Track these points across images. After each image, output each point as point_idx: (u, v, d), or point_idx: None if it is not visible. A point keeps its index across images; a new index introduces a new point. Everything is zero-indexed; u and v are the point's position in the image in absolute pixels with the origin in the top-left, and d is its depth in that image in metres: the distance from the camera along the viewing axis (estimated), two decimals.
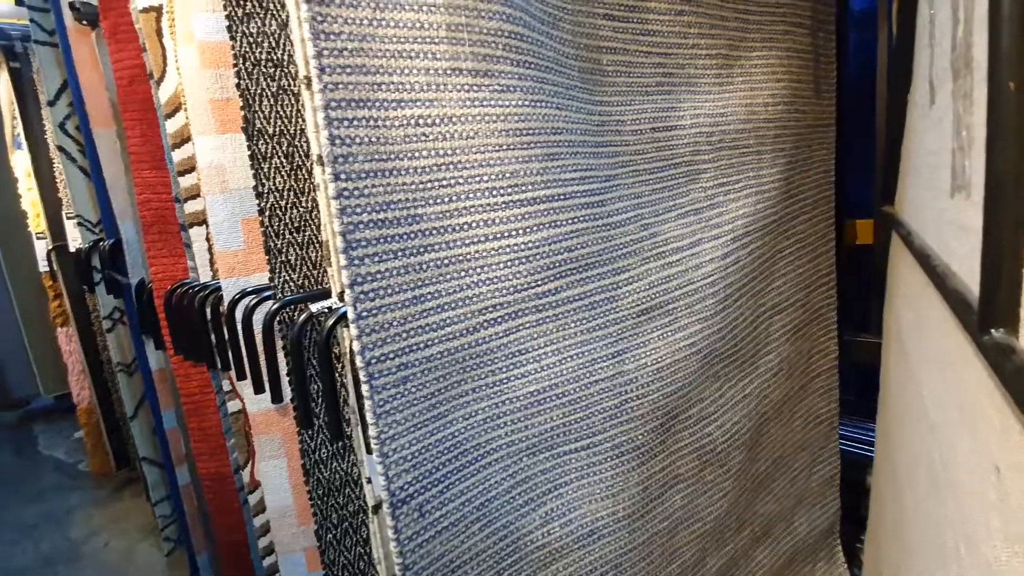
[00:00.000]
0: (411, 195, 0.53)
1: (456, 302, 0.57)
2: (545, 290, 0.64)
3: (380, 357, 0.52)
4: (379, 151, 0.51)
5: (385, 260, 0.52)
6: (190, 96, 0.92)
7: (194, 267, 1.08)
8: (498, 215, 0.59)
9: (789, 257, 1.05)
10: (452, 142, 0.56)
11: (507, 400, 0.63)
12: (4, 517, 2.30)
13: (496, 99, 0.58)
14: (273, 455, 1.02)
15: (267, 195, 0.79)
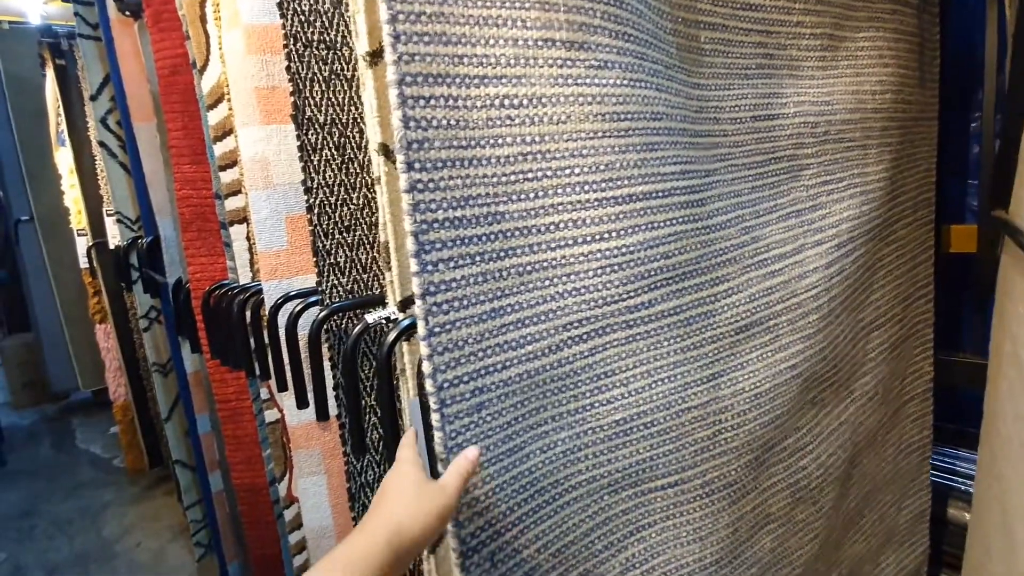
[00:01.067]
0: (492, 189, 0.45)
1: (538, 316, 0.49)
2: (637, 303, 0.55)
3: (453, 380, 0.45)
4: (458, 137, 0.44)
5: (461, 266, 0.44)
6: (234, 84, 0.85)
7: (233, 267, 1.02)
8: (589, 214, 0.51)
9: (889, 266, 0.93)
10: (540, 127, 0.47)
11: (590, 430, 0.54)
12: (43, 510, 2.32)
13: (592, 77, 0.49)
14: (313, 471, 0.94)
15: (316, 191, 0.71)
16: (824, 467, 0.83)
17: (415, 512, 0.41)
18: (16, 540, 2.11)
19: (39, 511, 2.31)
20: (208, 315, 1.06)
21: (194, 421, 1.48)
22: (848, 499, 0.94)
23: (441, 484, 0.43)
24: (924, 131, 0.98)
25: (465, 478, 0.44)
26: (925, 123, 0.99)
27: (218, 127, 0.96)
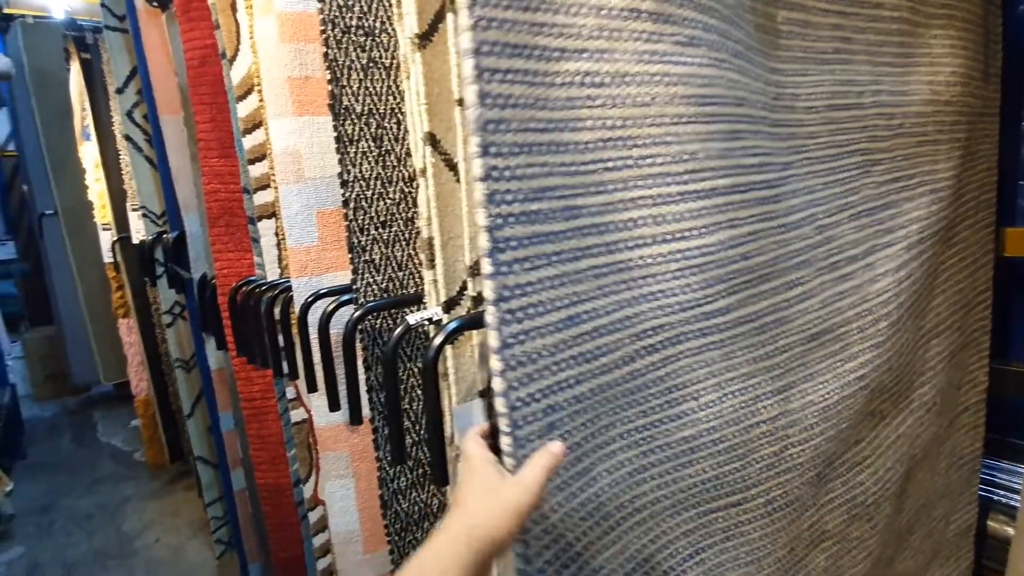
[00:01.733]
0: (570, 180, 0.41)
1: (613, 324, 0.45)
2: (714, 309, 0.51)
3: (526, 399, 0.40)
4: (536, 118, 0.39)
5: (538, 267, 0.40)
6: (266, 74, 0.82)
7: (261, 263, 0.99)
8: (670, 210, 0.47)
9: (951, 270, 0.88)
10: (623, 109, 0.43)
11: (657, 448, 0.50)
12: (62, 505, 2.33)
13: (678, 55, 0.45)
14: (340, 475, 0.91)
15: (352, 184, 0.68)
16: (881, 482, 0.78)
17: (494, 511, 0.39)
18: (35, 535, 2.13)
19: (58, 506, 2.33)
20: (234, 312, 1.04)
21: (217, 418, 1.47)
22: (901, 515, 0.90)
23: (521, 480, 0.40)
24: (987, 128, 0.93)
25: (547, 473, 0.41)
26: (988, 119, 0.93)
27: (248, 119, 0.93)
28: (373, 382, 0.72)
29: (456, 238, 0.56)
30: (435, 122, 0.54)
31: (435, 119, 0.54)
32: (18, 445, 2.78)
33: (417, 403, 0.76)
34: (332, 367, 0.74)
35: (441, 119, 0.54)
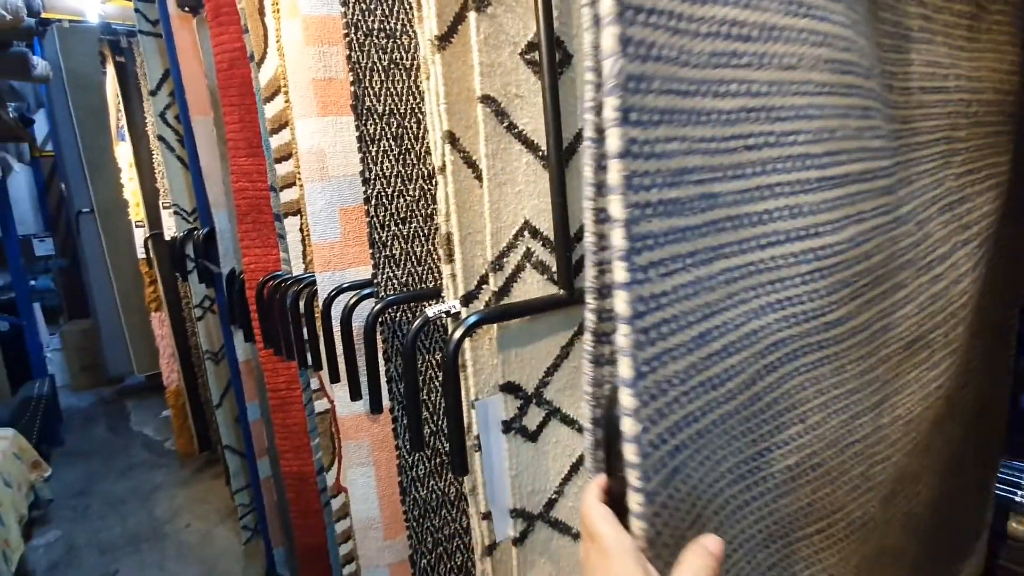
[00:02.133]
0: (709, 160, 0.33)
1: (741, 341, 0.37)
2: (835, 318, 0.43)
3: (655, 441, 0.32)
4: (678, 77, 0.31)
5: (673, 272, 0.32)
6: (292, 75, 0.86)
7: (287, 259, 1.03)
8: (807, 200, 0.39)
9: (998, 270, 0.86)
10: (769, 72, 0.35)
11: (760, 480, 0.42)
12: (97, 489, 2.43)
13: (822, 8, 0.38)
14: (361, 462, 0.95)
15: (374, 181, 0.71)
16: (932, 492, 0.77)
17: None
18: (71, 519, 2.23)
19: (94, 491, 2.43)
20: (261, 305, 1.08)
21: (244, 408, 1.52)
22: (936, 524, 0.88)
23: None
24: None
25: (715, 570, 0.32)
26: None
27: (274, 120, 0.97)
28: (393, 373, 0.75)
29: (474, 233, 0.57)
30: (454, 121, 0.55)
31: (454, 118, 0.55)
32: (56, 433, 2.91)
33: (435, 394, 0.78)
34: (354, 358, 0.77)
35: (460, 118, 0.56)
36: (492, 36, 0.54)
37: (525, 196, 0.57)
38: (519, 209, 0.57)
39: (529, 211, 0.58)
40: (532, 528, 0.58)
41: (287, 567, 1.64)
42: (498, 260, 0.56)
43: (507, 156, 0.56)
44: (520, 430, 0.57)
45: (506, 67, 0.55)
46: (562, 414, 0.60)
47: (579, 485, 0.61)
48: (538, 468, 0.59)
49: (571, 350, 0.60)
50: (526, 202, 0.57)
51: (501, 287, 0.57)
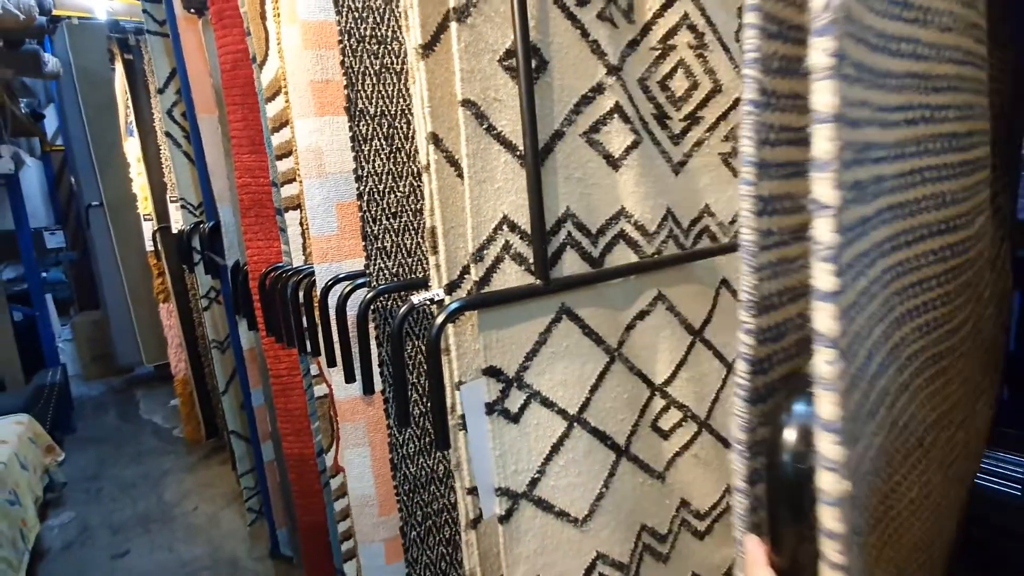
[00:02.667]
0: (879, 134, 0.28)
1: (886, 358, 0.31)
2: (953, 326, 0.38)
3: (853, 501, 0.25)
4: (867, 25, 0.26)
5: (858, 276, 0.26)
6: (291, 77, 0.91)
7: (287, 251, 1.09)
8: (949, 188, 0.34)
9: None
10: (932, 32, 0.31)
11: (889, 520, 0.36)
12: (109, 474, 2.52)
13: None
14: (357, 443, 1.00)
15: (366, 179, 0.76)
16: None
17: None
18: (84, 501, 2.31)
19: (105, 475, 2.51)
20: (264, 295, 1.13)
21: (249, 395, 1.58)
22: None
23: None
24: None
25: None
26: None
27: (275, 119, 1.02)
28: (384, 357, 0.80)
29: (457, 227, 0.61)
30: (437, 123, 0.60)
31: (437, 120, 0.60)
32: (68, 420, 2.99)
33: (425, 377, 0.84)
34: (348, 344, 0.83)
35: (443, 120, 0.60)
36: (472, 44, 0.58)
37: (504, 192, 0.61)
38: (498, 205, 0.61)
39: (507, 207, 0.62)
40: (517, 506, 0.61)
41: (290, 546, 1.71)
42: (479, 252, 0.61)
43: (487, 155, 0.60)
44: (503, 412, 0.61)
45: (485, 73, 0.59)
46: (542, 397, 0.64)
47: (560, 464, 0.64)
48: (520, 448, 0.62)
49: (548, 336, 0.64)
50: (505, 198, 0.61)
51: (482, 277, 0.61)
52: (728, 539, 0.77)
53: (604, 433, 0.67)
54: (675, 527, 0.71)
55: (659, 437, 0.71)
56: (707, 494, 0.74)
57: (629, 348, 0.68)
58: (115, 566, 1.90)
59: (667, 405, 0.72)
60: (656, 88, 0.69)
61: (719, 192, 0.75)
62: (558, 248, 0.62)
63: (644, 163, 0.68)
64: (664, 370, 0.71)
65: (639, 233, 0.68)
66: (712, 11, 0.70)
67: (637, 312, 0.69)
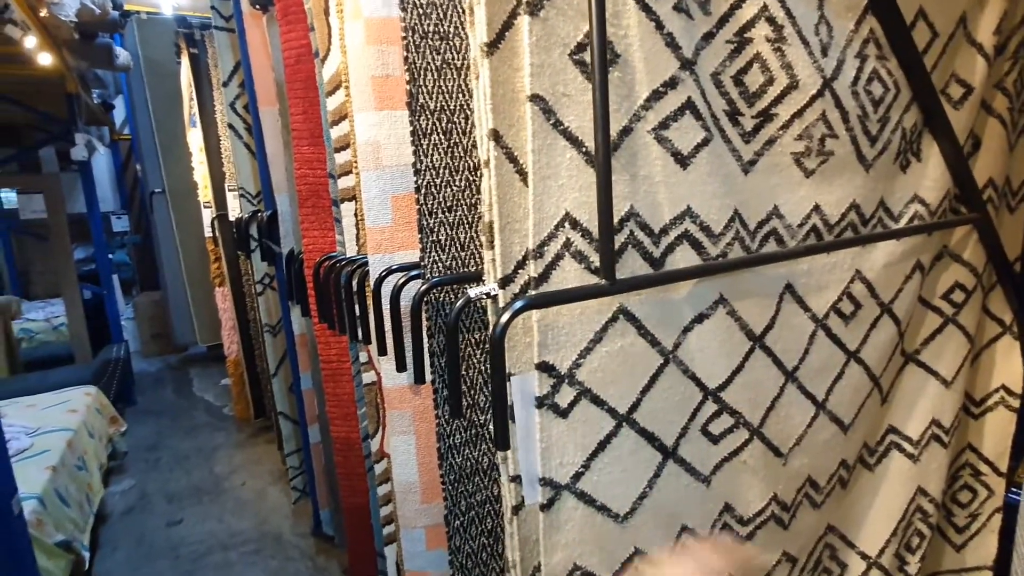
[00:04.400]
0: None
1: None
2: None
3: None
4: None
5: None
6: (353, 72, 0.93)
7: (342, 241, 1.12)
8: None
9: None
10: None
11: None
12: (167, 445, 2.67)
13: None
14: (403, 431, 1.03)
15: (424, 172, 0.77)
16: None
17: None
18: (144, 470, 2.46)
19: (163, 445, 2.66)
20: (318, 283, 1.17)
21: (298, 378, 1.64)
22: None
23: None
24: None
25: None
26: None
27: (335, 112, 1.05)
28: (435, 348, 0.82)
29: (513, 223, 0.61)
30: (499, 120, 0.59)
31: (499, 117, 0.59)
32: (130, 393, 3.18)
33: (472, 369, 0.85)
34: (400, 334, 0.85)
35: (504, 117, 0.60)
36: (544, 38, 0.57)
37: (567, 189, 0.60)
38: (561, 202, 0.60)
39: (570, 204, 0.60)
40: (559, 496, 0.62)
41: (332, 526, 1.77)
42: (539, 248, 0.60)
43: (552, 152, 0.58)
44: (552, 406, 0.60)
45: (556, 67, 0.58)
46: (592, 395, 0.63)
47: (605, 461, 0.64)
48: (567, 442, 0.62)
49: (604, 336, 0.62)
50: (568, 195, 0.60)
51: (541, 273, 0.60)
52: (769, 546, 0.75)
53: (652, 434, 0.66)
54: (716, 530, 0.70)
55: (708, 441, 0.70)
56: (752, 501, 0.73)
57: (684, 351, 0.67)
58: (170, 533, 2.01)
59: (719, 410, 0.70)
60: (730, 83, 0.66)
61: (789, 193, 0.72)
62: (619, 247, 0.62)
63: (713, 161, 0.66)
64: (719, 375, 0.70)
65: (704, 234, 0.66)
66: (792, 2, 0.67)
67: (696, 315, 0.68)
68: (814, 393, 0.76)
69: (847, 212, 0.75)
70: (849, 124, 0.73)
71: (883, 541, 0.94)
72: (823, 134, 0.71)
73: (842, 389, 0.79)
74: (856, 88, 0.72)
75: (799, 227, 0.72)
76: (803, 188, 0.72)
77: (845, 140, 0.73)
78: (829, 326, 0.76)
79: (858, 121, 0.73)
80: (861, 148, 0.75)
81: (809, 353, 0.75)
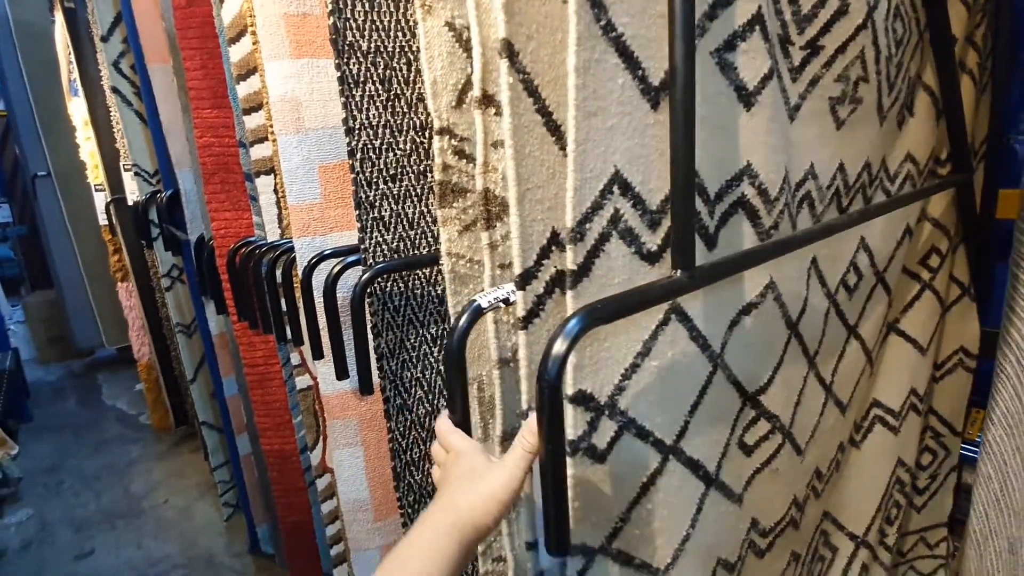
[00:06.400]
0: None
1: None
2: None
3: None
4: None
5: None
6: (259, 12, 0.74)
7: (260, 223, 0.94)
8: None
9: None
10: None
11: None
12: (69, 466, 2.34)
13: None
14: (348, 443, 0.88)
15: (358, 132, 0.62)
16: None
17: (477, 497, 0.40)
18: (43, 496, 2.14)
19: (66, 466, 2.34)
20: (234, 275, 0.99)
21: (220, 384, 1.44)
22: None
23: (504, 464, 0.41)
24: None
25: (530, 458, 0.40)
26: None
27: (241, 64, 0.86)
28: (383, 349, 0.67)
29: (536, 189, 0.41)
30: (513, 25, 0.38)
31: (513, 20, 0.38)
32: (23, 408, 2.78)
33: (430, 371, 0.71)
34: (339, 333, 0.70)
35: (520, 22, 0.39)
36: None
37: (617, 134, 0.40)
38: (608, 154, 0.40)
39: (620, 157, 0.40)
40: (591, 563, 0.46)
41: (271, 544, 1.60)
42: (579, 226, 0.40)
43: (601, 72, 0.38)
44: (588, 450, 0.44)
45: None
46: (637, 426, 0.46)
47: (647, 508, 0.48)
48: (604, 494, 0.46)
49: (653, 345, 0.46)
50: (618, 143, 0.40)
51: (581, 264, 0.40)
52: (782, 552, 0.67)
53: (697, 462, 0.52)
54: (743, 551, 0.59)
55: (743, 454, 0.57)
56: (776, 510, 0.63)
57: (730, 351, 0.53)
58: (79, 567, 1.75)
59: (756, 416, 0.57)
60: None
61: (823, 147, 0.59)
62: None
63: (775, 102, 0.50)
64: (762, 374, 0.57)
65: (761, 200, 0.50)
66: None
67: (744, 305, 0.53)
68: (824, 377, 0.68)
69: (861, 172, 0.65)
70: (879, 67, 0.62)
71: (869, 518, 0.90)
72: (858, 76, 0.59)
73: (843, 368, 0.72)
74: (887, 24, 0.61)
75: (827, 189, 0.61)
76: (833, 142, 0.60)
77: (873, 86, 0.62)
78: (837, 301, 0.67)
79: (885, 64, 0.62)
80: (882, 97, 0.64)
81: (825, 335, 0.66)
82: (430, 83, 0.48)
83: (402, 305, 0.68)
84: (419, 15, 0.48)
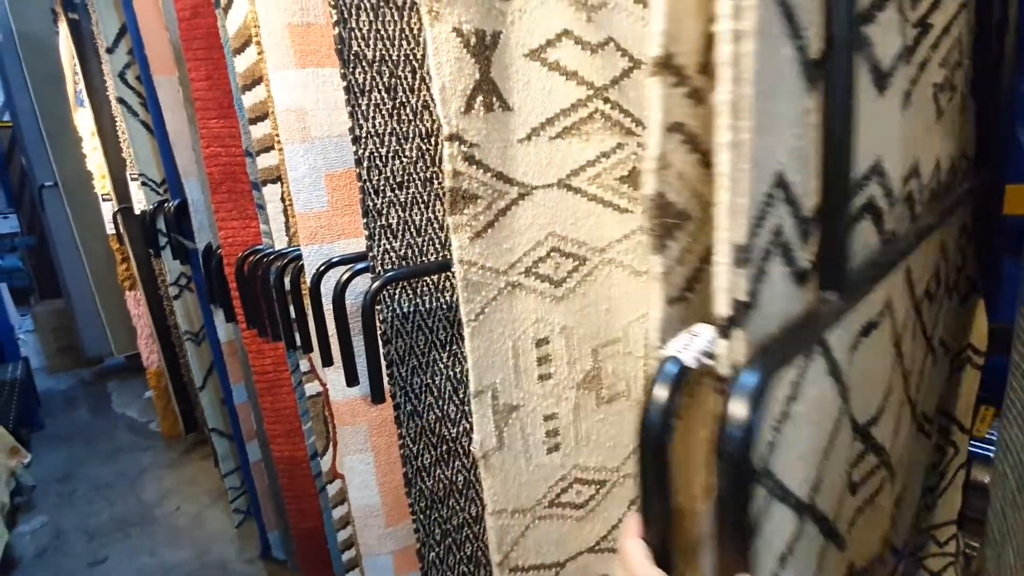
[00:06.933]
0: None
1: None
2: None
3: None
4: None
5: None
6: (264, 21, 0.75)
7: (268, 231, 0.94)
8: None
9: None
10: None
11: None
12: (82, 474, 2.36)
13: None
14: (359, 449, 0.88)
15: (365, 140, 0.62)
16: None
17: None
18: (56, 504, 2.16)
19: (78, 475, 2.35)
20: (242, 283, 0.99)
21: (230, 391, 1.45)
22: None
23: None
24: None
25: None
26: None
27: (247, 74, 0.86)
28: (393, 356, 0.68)
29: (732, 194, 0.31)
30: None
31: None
32: (35, 417, 2.80)
33: (440, 377, 0.72)
34: (349, 340, 0.70)
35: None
36: None
37: (783, 123, 0.32)
38: (774, 149, 0.31)
39: (785, 152, 0.32)
40: None
41: (283, 550, 1.60)
42: (747, 245, 0.30)
43: (769, 39, 0.29)
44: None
45: None
46: (782, 488, 0.36)
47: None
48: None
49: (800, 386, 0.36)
50: (783, 133, 0.32)
51: (751, 293, 0.30)
52: None
53: (824, 517, 0.43)
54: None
55: (849, 493, 0.49)
56: (872, 548, 0.54)
57: (850, 380, 0.44)
58: (93, 574, 1.76)
59: (864, 450, 0.49)
60: None
61: (927, 140, 0.51)
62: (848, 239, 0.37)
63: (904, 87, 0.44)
64: (873, 404, 0.49)
65: (886, 201, 0.43)
66: None
67: (863, 326, 0.45)
68: (912, 397, 0.61)
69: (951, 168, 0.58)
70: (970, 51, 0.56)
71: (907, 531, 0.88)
72: (956, 60, 0.52)
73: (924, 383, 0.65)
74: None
75: (926, 188, 0.52)
76: (933, 135, 0.51)
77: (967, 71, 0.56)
78: (921, 311, 0.59)
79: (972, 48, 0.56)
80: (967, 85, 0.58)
81: (914, 350, 0.58)
82: (439, 89, 0.48)
83: (411, 312, 0.68)
84: (427, 21, 0.48)
